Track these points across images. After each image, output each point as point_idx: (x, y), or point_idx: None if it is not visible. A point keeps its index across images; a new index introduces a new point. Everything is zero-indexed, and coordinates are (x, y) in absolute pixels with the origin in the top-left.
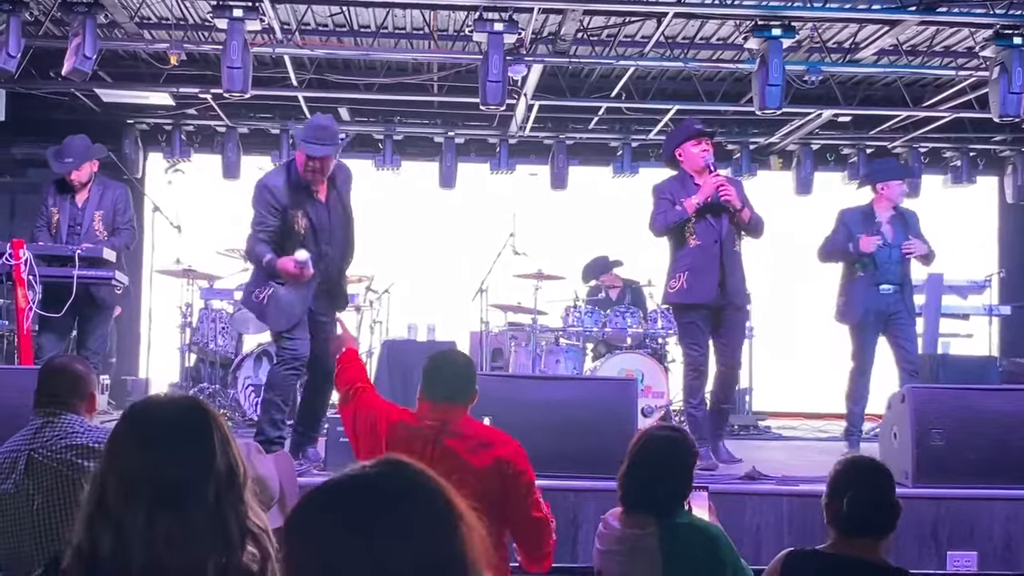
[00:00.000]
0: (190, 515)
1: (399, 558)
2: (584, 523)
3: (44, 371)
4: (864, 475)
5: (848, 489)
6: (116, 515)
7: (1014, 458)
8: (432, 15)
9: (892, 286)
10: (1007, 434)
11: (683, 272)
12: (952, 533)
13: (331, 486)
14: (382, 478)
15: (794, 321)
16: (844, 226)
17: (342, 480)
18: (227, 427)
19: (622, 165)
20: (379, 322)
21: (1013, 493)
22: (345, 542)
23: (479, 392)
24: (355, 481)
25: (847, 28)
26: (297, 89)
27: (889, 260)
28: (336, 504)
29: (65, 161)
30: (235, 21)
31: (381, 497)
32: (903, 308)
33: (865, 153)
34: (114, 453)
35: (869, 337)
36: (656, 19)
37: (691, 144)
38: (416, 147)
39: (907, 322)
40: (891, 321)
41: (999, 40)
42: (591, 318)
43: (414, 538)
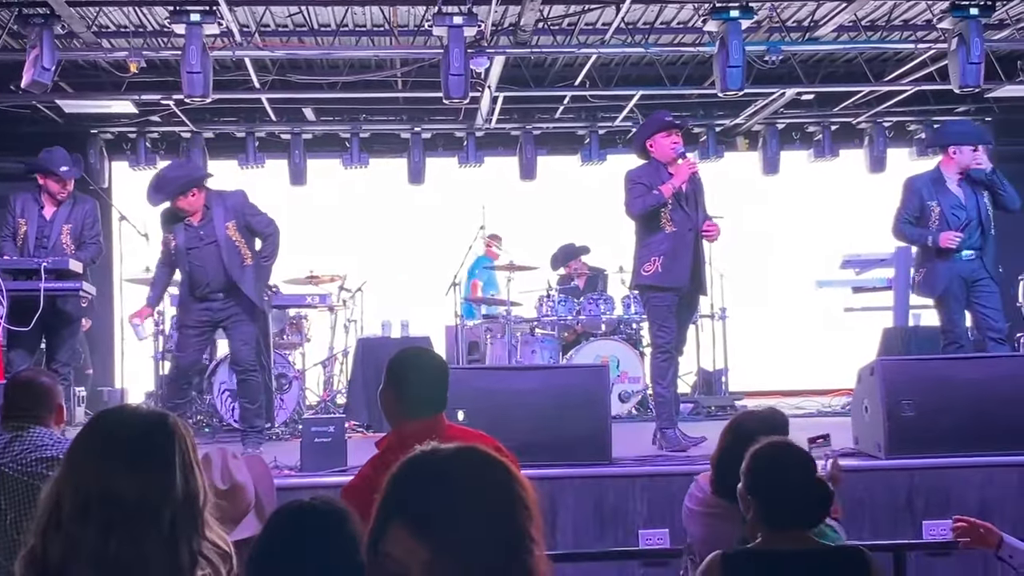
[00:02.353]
0: (143, 539)
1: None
2: (561, 510)
3: (9, 385)
4: (782, 467)
5: (767, 485)
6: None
7: (985, 425)
8: (391, 11)
9: (973, 251)
10: (976, 402)
11: (658, 256)
12: (927, 503)
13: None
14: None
15: (766, 300)
16: (915, 195)
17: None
18: (193, 450)
19: (590, 153)
20: (353, 321)
21: (985, 460)
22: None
23: (455, 386)
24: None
25: (805, 6)
26: (260, 91)
27: (970, 226)
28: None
29: (65, 169)
30: (192, 26)
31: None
32: (986, 274)
33: (830, 130)
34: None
35: (955, 308)
36: (615, 6)
37: (661, 136)
38: (383, 144)
39: (991, 288)
40: (974, 288)
41: (956, 12)
42: (565, 307)
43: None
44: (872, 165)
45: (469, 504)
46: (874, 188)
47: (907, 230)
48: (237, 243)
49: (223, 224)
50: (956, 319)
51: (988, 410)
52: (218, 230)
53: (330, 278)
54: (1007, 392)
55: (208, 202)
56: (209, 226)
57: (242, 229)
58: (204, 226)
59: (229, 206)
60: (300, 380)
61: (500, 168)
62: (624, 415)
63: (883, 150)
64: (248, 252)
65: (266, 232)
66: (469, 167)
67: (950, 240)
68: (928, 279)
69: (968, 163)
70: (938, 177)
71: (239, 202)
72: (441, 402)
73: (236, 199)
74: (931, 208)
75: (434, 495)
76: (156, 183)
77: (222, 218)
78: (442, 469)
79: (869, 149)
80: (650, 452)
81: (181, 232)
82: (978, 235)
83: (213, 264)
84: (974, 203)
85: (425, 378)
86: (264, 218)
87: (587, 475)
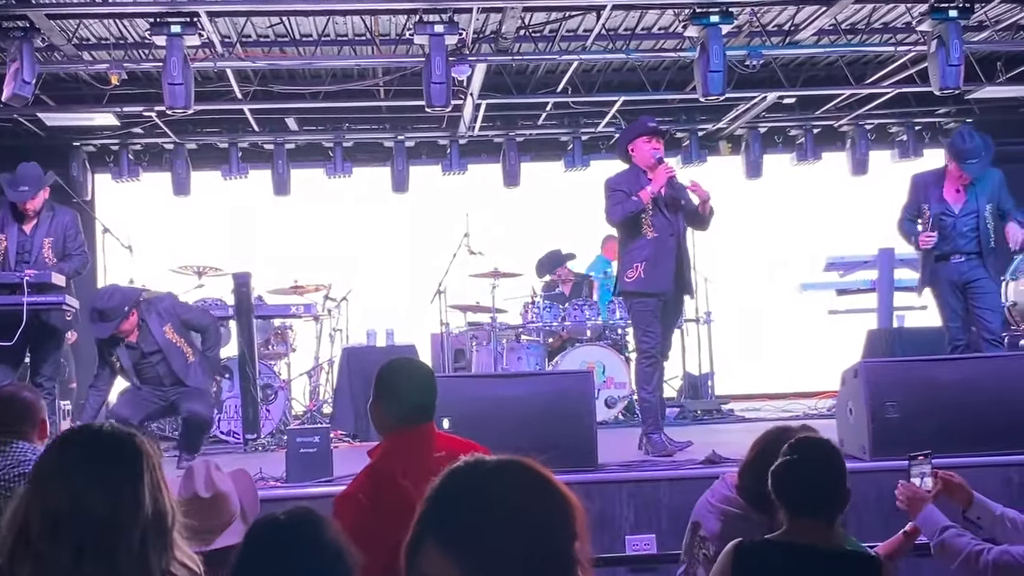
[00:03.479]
0: (114, 557)
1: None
2: None
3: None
4: (812, 456)
5: (796, 470)
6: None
7: (968, 426)
8: (372, 20)
9: (963, 256)
10: (960, 403)
11: (640, 263)
12: None
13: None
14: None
15: (751, 304)
16: (915, 193)
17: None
18: (159, 468)
19: (573, 159)
20: (338, 330)
21: (969, 460)
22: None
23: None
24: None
25: (785, 11)
26: (242, 102)
27: (953, 230)
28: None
29: (21, 189)
30: (173, 37)
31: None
32: (982, 275)
33: (812, 133)
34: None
35: (946, 310)
36: (596, 12)
37: (643, 140)
38: (366, 153)
39: (986, 289)
40: (969, 289)
41: (935, 14)
42: (550, 313)
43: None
44: (854, 168)
45: (507, 523)
46: (857, 190)
47: (904, 227)
48: (178, 344)
49: (161, 330)
50: (948, 320)
51: (971, 411)
52: (158, 337)
53: (315, 288)
54: (990, 392)
55: (142, 315)
56: (149, 338)
57: (179, 329)
58: (143, 339)
59: (162, 311)
60: (285, 390)
61: (484, 175)
62: (610, 421)
63: (865, 152)
64: (190, 349)
65: (202, 324)
66: (453, 175)
67: (924, 242)
68: (921, 276)
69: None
70: (938, 179)
71: (170, 304)
72: (430, 410)
73: (166, 303)
74: (924, 209)
75: (470, 513)
76: (99, 317)
77: (158, 324)
78: (480, 485)
79: (851, 152)
80: (636, 457)
81: (124, 354)
82: (973, 242)
83: (162, 370)
84: (973, 211)
85: (413, 387)
86: (196, 313)
87: (573, 481)
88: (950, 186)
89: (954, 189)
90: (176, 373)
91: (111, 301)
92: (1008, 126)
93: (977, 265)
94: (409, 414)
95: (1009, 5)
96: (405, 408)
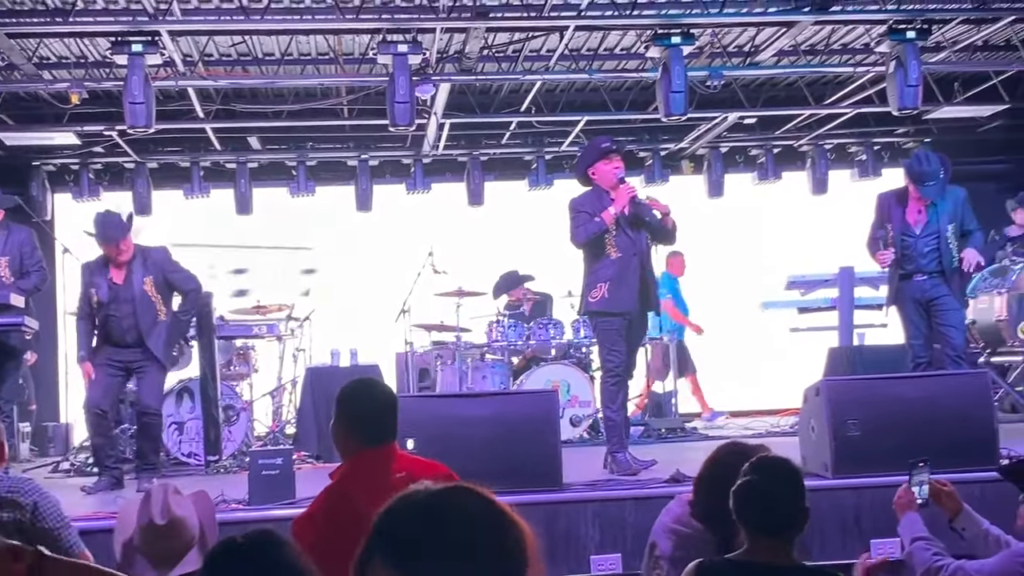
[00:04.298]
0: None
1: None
2: None
3: None
4: (772, 475)
5: (756, 489)
6: None
7: (928, 442)
8: (336, 40)
9: (925, 275)
10: (920, 419)
11: (604, 283)
12: (875, 521)
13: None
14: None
15: (713, 321)
16: (878, 212)
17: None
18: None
19: (537, 178)
20: (301, 350)
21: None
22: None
23: (405, 415)
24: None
25: (745, 32)
26: (204, 120)
27: (914, 250)
28: None
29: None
30: (135, 56)
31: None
32: (945, 293)
33: (773, 153)
34: None
35: (908, 327)
36: (559, 33)
37: (602, 163)
38: (330, 172)
39: (949, 306)
40: (931, 307)
41: (893, 35)
42: (514, 332)
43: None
44: (815, 187)
45: (455, 546)
46: (817, 210)
47: (871, 245)
48: (153, 299)
49: (141, 280)
50: (910, 338)
51: (933, 428)
52: (135, 287)
53: (277, 307)
54: (951, 410)
55: (134, 254)
56: (128, 283)
57: (160, 285)
58: (124, 282)
59: (149, 263)
60: (248, 411)
61: (448, 194)
62: (575, 439)
63: (825, 172)
64: (163, 308)
65: (186, 288)
66: (417, 193)
67: (881, 261)
68: (887, 296)
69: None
70: (901, 199)
71: (161, 258)
72: (392, 431)
73: (158, 255)
74: (887, 228)
75: (418, 535)
76: (112, 220)
77: (140, 274)
78: (429, 507)
79: (811, 171)
80: (601, 476)
81: (104, 288)
82: (935, 261)
83: (128, 319)
84: (934, 232)
85: (374, 409)
86: (185, 274)
87: (538, 501)
88: (912, 206)
89: (916, 210)
90: (141, 329)
91: (111, 215)
92: (966, 146)
93: (939, 283)
94: (370, 435)
95: (966, 26)
96: (366, 430)
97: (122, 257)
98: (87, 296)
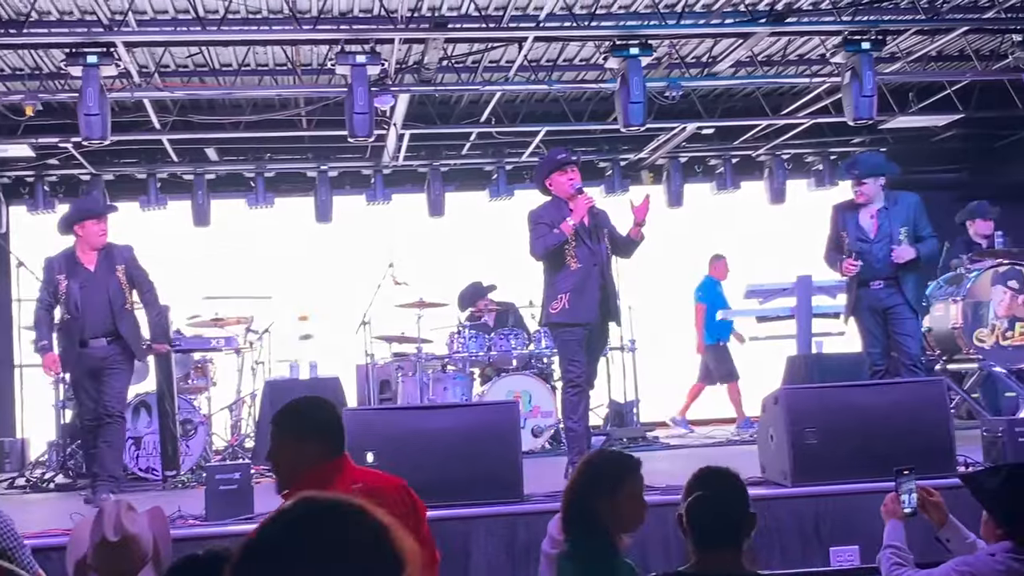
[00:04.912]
0: None
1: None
2: (474, 549)
3: None
4: (712, 484)
5: (698, 500)
6: None
7: (886, 451)
8: (294, 50)
9: (881, 281)
10: (877, 427)
11: (565, 294)
12: (833, 529)
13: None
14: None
15: (674, 331)
16: (833, 222)
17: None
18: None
19: (498, 189)
20: (260, 363)
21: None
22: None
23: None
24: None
25: (703, 43)
26: (161, 132)
27: (871, 256)
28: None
29: None
30: (90, 68)
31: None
32: (900, 302)
33: (731, 163)
34: None
35: (866, 335)
36: (518, 44)
37: (558, 174)
38: (289, 183)
39: (904, 315)
40: (889, 315)
41: (848, 46)
42: (476, 343)
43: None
44: (773, 196)
45: (327, 561)
46: (775, 219)
47: (829, 257)
48: (123, 287)
49: (114, 267)
50: (868, 347)
51: (890, 435)
52: (109, 274)
53: (236, 320)
54: (907, 417)
55: (106, 245)
56: (100, 270)
57: (128, 277)
58: (97, 269)
59: (117, 254)
60: (206, 425)
61: (408, 205)
62: (537, 450)
63: (783, 182)
64: (131, 299)
65: (145, 289)
66: (377, 204)
67: (847, 269)
68: (846, 305)
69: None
70: (854, 207)
71: (129, 255)
72: (342, 443)
73: (127, 251)
74: (843, 236)
75: (292, 547)
76: (97, 197)
77: (113, 263)
78: (305, 522)
79: (769, 181)
80: (562, 487)
81: (75, 276)
82: (889, 267)
83: (100, 306)
84: (886, 236)
85: (326, 421)
86: (146, 277)
87: (499, 513)
88: (864, 213)
89: (868, 215)
90: (114, 314)
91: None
92: (921, 155)
93: (895, 292)
94: (323, 449)
95: (920, 37)
96: (320, 444)
97: (103, 238)
98: (52, 284)
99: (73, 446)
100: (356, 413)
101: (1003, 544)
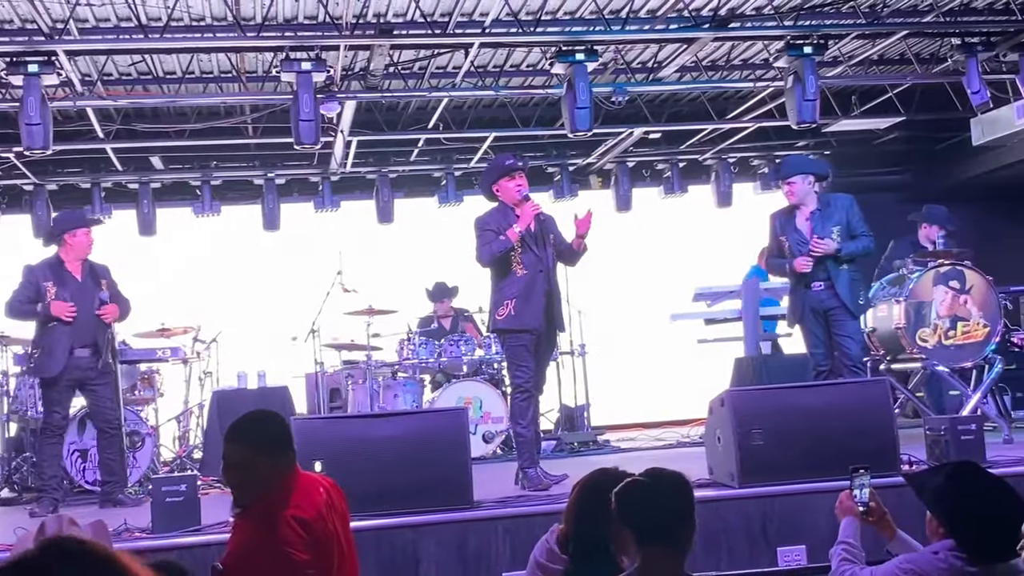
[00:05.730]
0: None
1: None
2: (424, 557)
3: None
4: (662, 477)
5: (641, 502)
6: None
7: (831, 450)
8: (239, 58)
9: (821, 283)
10: (822, 428)
11: (511, 300)
12: (780, 529)
13: None
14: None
15: (623, 334)
16: (772, 230)
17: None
18: None
19: (447, 195)
20: (208, 373)
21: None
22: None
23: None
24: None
25: (648, 49)
26: (105, 141)
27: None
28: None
29: None
30: (31, 77)
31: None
32: (838, 304)
33: (678, 167)
34: None
35: (809, 337)
36: (464, 50)
37: (505, 180)
38: (236, 191)
39: (844, 318)
40: (829, 317)
41: (791, 51)
42: (426, 349)
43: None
44: (719, 200)
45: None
46: (722, 222)
47: (771, 263)
48: (106, 303)
49: (99, 281)
50: (811, 347)
51: (835, 436)
52: (95, 285)
53: (183, 330)
54: (852, 417)
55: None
56: (87, 282)
57: (111, 295)
58: (84, 281)
59: (100, 271)
60: (153, 437)
61: (357, 212)
62: (488, 456)
63: (729, 185)
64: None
65: (124, 308)
66: (325, 212)
67: (802, 265)
68: (789, 308)
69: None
70: (790, 211)
71: (108, 274)
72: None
73: (106, 270)
74: (783, 242)
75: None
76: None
77: (97, 277)
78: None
79: (716, 184)
80: (512, 492)
81: (64, 285)
82: (825, 267)
83: (88, 317)
84: (820, 236)
85: (287, 429)
86: (123, 296)
87: (448, 520)
88: (800, 217)
89: (803, 218)
90: (97, 326)
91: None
92: (864, 157)
93: (832, 295)
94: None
95: (861, 41)
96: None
97: (90, 248)
98: (34, 288)
99: (18, 459)
100: (304, 422)
101: (945, 542)
